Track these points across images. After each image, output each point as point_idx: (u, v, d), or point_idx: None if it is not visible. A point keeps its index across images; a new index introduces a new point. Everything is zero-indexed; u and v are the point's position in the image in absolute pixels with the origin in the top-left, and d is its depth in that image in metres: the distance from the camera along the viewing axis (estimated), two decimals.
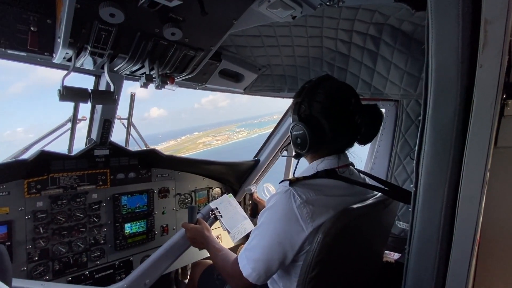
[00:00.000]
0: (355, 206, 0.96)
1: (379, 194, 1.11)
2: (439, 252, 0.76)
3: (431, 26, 0.70)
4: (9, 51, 1.04)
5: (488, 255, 0.78)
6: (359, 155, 1.20)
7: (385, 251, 1.69)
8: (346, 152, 1.13)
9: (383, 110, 1.98)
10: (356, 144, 1.14)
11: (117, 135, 1.83)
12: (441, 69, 0.70)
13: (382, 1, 1.10)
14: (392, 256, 1.66)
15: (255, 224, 1.69)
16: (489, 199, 0.69)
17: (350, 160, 1.15)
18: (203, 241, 1.38)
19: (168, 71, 1.32)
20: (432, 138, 0.73)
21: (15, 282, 1.09)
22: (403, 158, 1.92)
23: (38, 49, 1.06)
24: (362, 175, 1.20)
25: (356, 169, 1.18)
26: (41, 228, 1.55)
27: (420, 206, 0.78)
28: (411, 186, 0.82)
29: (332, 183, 1.01)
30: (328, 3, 1.04)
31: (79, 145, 1.83)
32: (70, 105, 1.82)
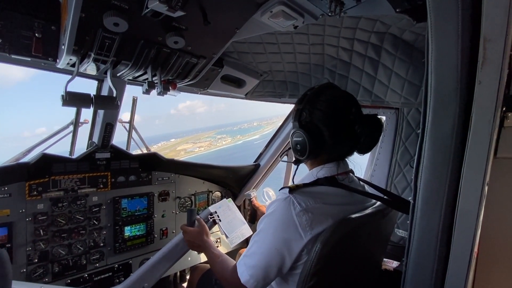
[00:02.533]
0: (354, 215, 0.96)
1: (378, 203, 1.11)
2: (437, 264, 0.76)
3: (430, 40, 0.71)
4: (13, 56, 1.05)
5: (486, 267, 0.78)
6: (359, 163, 1.20)
7: (384, 259, 1.69)
8: (346, 159, 1.14)
9: (384, 118, 1.98)
10: (355, 153, 1.15)
11: (117, 137, 1.85)
12: (440, 84, 0.70)
13: (384, 12, 1.11)
14: (391, 264, 1.66)
15: (253, 230, 1.69)
16: (488, 210, 0.69)
17: (350, 167, 1.15)
18: (201, 245, 1.38)
19: (170, 77, 1.33)
20: (430, 151, 0.74)
21: (15, 284, 1.10)
22: (403, 166, 1.92)
23: (42, 54, 1.08)
24: (361, 183, 1.20)
25: (356, 176, 1.19)
26: (41, 230, 1.56)
27: (418, 218, 0.79)
28: (409, 198, 0.82)
29: (332, 191, 1.01)
30: (329, 14, 1.05)
31: (81, 147, 1.84)
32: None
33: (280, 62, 1.73)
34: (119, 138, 1.91)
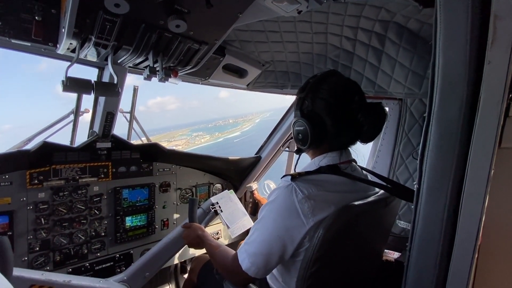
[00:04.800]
0: (356, 203, 0.95)
1: (381, 191, 1.10)
2: (441, 250, 0.75)
3: (439, 21, 0.69)
4: (13, 41, 1.04)
5: (489, 255, 0.77)
6: (362, 152, 1.19)
7: (385, 250, 1.69)
8: (349, 148, 1.13)
9: (387, 109, 1.97)
10: (358, 142, 1.13)
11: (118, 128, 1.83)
12: (449, 65, 0.69)
13: None
14: (392, 255, 1.66)
15: (254, 221, 1.69)
16: (492, 200, 0.68)
17: (353, 156, 1.14)
18: (199, 241, 1.37)
19: (171, 64, 1.31)
20: (437, 135, 0.73)
21: (16, 271, 1.10)
22: (405, 157, 1.91)
23: (42, 39, 1.06)
24: (364, 172, 1.19)
25: (358, 165, 1.18)
26: (42, 219, 1.56)
27: (423, 204, 0.78)
28: (414, 183, 0.81)
29: (334, 179, 1.01)
30: None
31: (82, 137, 1.83)
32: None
33: (282, 51, 1.71)
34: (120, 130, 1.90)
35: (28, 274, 1.13)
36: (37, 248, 1.56)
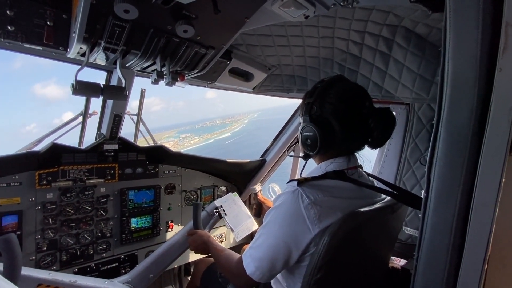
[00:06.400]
0: (363, 209, 0.95)
1: (388, 198, 1.09)
2: (450, 260, 0.74)
3: (448, 27, 0.68)
4: (25, 45, 1.07)
5: (500, 266, 0.75)
6: (368, 157, 1.18)
7: (392, 257, 1.67)
8: (356, 154, 1.12)
9: (394, 113, 1.95)
10: (366, 147, 1.13)
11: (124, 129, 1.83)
12: (458, 71, 0.68)
13: (397, 1, 1.08)
14: (398, 262, 1.63)
15: (259, 223, 1.68)
16: (502, 209, 0.67)
17: (359, 162, 1.13)
18: (205, 247, 1.38)
19: (179, 68, 1.33)
20: (445, 142, 0.71)
21: (24, 270, 1.11)
22: (412, 163, 1.88)
23: (53, 43, 1.09)
24: (370, 178, 1.18)
25: (365, 171, 1.17)
26: (50, 219, 1.58)
27: (431, 212, 0.76)
28: (421, 191, 0.80)
29: (340, 185, 1.00)
30: (342, 3, 1.02)
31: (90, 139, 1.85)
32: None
33: (289, 55, 1.71)
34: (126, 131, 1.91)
35: (35, 273, 1.14)
36: (45, 248, 1.58)
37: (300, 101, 2.03)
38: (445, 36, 0.69)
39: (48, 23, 1.02)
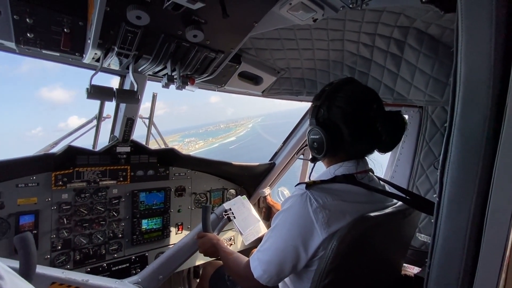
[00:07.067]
0: (373, 214, 0.92)
1: (399, 203, 1.06)
2: (464, 268, 0.71)
3: (461, 27, 0.66)
4: (43, 51, 1.12)
5: None
6: (379, 161, 1.15)
7: (404, 264, 1.62)
8: (366, 158, 1.10)
9: (406, 117, 1.91)
10: (375, 151, 1.10)
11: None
12: (471, 72, 0.66)
13: (409, 2, 1.06)
14: (412, 270, 1.58)
15: (268, 227, 1.67)
16: None
17: (370, 166, 1.11)
18: (214, 250, 1.38)
19: (189, 73, 1.35)
20: (459, 145, 0.69)
21: (39, 268, 1.15)
22: (426, 168, 1.83)
23: (70, 49, 1.13)
24: (382, 183, 1.15)
25: (376, 176, 1.14)
26: (65, 219, 1.64)
27: (443, 218, 0.74)
28: (434, 196, 0.77)
29: (350, 189, 0.98)
30: (350, 6, 1.02)
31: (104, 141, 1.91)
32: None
33: (298, 58, 1.71)
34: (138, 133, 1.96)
35: (50, 272, 1.18)
36: (59, 247, 1.63)
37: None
38: (457, 36, 0.67)
39: (65, 30, 1.07)
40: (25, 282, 0.44)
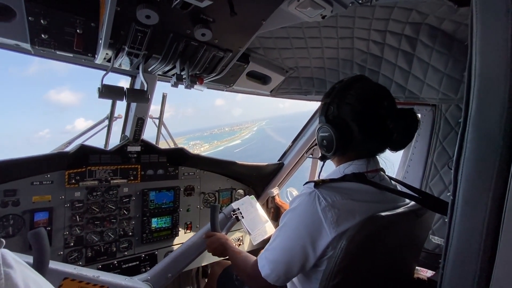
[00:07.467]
0: (384, 213, 0.90)
1: (412, 203, 1.03)
2: (480, 271, 0.68)
3: (475, 22, 0.64)
4: (57, 52, 1.15)
5: None
6: (391, 160, 1.13)
7: (417, 267, 1.57)
8: (377, 156, 1.07)
9: (419, 115, 1.86)
10: (387, 150, 1.08)
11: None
12: (487, 68, 0.63)
13: None
14: (425, 273, 1.53)
15: (276, 227, 1.66)
16: None
17: (381, 165, 1.09)
18: (222, 250, 1.38)
19: (197, 72, 1.36)
20: (474, 142, 0.66)
21: (52, 264, 1.18)
22: (440, 168, 1.77)
23: (82, 50, 1.17)
24: (393, 182, 1.12)
25: (387, 175, 1.12)
26: (77, 217, 1.68)
27: (458, 217, 0.71)
28: (448, 194, 0.75)
29: (360, 188, 0.96)
30: (360, 1, 1.00)
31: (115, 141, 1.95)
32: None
33: (307, 57, 1.70)
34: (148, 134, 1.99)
35: (62, 267, 1.21)
36: (72, 244, 1.67)
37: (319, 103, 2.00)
38: (472, 29, 0.65)
39: (78, 31, 1.10)
40: (35, 273, 0.45)
